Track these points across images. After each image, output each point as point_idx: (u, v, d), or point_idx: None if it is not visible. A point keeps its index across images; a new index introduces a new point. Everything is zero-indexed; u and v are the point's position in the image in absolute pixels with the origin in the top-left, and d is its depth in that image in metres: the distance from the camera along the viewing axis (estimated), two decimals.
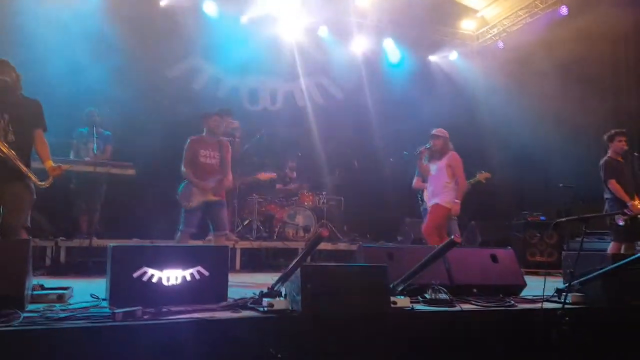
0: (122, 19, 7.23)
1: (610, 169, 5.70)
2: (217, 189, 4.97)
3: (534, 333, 2.88)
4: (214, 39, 8.11)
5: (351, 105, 9.22)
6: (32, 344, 2.18)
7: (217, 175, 5.00)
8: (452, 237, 2.89)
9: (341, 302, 2.75)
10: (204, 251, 3.24)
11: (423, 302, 3.15)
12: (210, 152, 5.09)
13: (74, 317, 2.43)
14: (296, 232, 7.20)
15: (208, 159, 5.07)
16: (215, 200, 4.93)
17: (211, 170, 5.03)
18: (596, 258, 3.59)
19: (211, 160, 5.08)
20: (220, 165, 5.09)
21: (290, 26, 8.79)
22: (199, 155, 5.03)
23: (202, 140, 5.12)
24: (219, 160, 5.10)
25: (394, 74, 9.47)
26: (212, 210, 4.95)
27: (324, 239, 2.86)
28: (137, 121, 6.91)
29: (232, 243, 6.35)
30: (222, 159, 5.11)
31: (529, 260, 7.18)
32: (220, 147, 5.15)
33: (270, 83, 9.19)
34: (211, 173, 5.01)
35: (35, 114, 3.86)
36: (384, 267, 2.99)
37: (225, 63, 8.36)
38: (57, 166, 3.86)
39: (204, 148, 5.07)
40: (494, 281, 3.69)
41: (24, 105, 3.81)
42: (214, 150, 5.11)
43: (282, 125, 8.64)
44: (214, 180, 4.96)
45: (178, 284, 2.97)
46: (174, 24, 7.88)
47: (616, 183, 5.61)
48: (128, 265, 2.87)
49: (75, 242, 5.75)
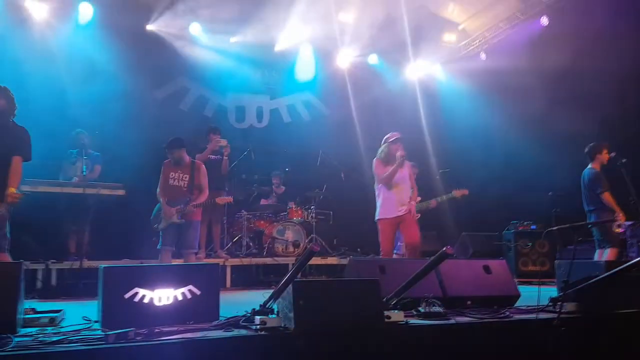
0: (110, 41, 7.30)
1: (603, 181, 5.84)
2: (184, 210, 5.22)
3: (530, 344, 2.87)
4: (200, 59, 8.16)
5: (337, 120, 9.30)
6: None
7: (185, 196, 5.27)
8: (445, 249, 2.89)
9: (334, 317, 2.73)
10: (195, 270, 3.21)
11: (417, 316, 3.12)
12: (180, 175, 5.38)
13: (66, 340, 2.39)
14: (286, 248, 7.17)
15: (176, 181, 5.37)
16: (180, 222, 5.21)
17: (179, 192, 5.32)
18: (589, 266, 3.61)
19: (179, 182, 5.37)
20: (188, 187, 5.34)
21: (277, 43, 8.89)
22: (169, 178, 5.35)
23: (173, 164, 5.40)
24: (188, 181, 5.35)
25: (378, 88, 9.59)
26: (180, 231, 5.26)
27: (315, 254, 2.85)
28: (126, 142, 6.88)
29: (222, 261, 6.30)
30: (192, 180, 5.35)
31: (522, 270, 7.21)
32: (192, 169, 5.40)
33: (256, 101, 9.27)
34: (179, 195, 5.30)
35: (19, 141, 3.85)
36: (376, 281, 2.97)
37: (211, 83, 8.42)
38: (17, 194, 3.82)
39: (174, 171, 5.38)
40: (488, 292, 3.69)
41: (11, 130, 3.81)
42: (184, 172, 5.38)
43: (269, 141, 8.69)
44: (183, 202, 5.23)
45: (170, 303, 2.94)
46: (160, 46, 7.99)
47: (610, 194, 5.77)
48: (119, 286, 2.83)
49: (66, 265, 5.69)
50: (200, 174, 5.43)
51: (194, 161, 5.54)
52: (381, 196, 5.45)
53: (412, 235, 5.34)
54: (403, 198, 5.39)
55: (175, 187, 5.35)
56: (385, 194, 5.42)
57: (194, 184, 5.36)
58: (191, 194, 5.30)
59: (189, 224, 5.27)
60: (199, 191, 5.38)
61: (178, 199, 5.27)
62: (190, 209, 5.23)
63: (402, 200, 5.37)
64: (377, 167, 5.46)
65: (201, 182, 5.42)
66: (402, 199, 5.37)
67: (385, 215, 5.39)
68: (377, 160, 5.48)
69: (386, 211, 5.38)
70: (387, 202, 5.39)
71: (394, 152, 5.34)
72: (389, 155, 5.40)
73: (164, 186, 5.36)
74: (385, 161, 5.43)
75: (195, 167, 5.44)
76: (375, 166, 5.47)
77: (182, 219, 5.22)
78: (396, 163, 5.29)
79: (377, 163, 5.46)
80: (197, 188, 5.38)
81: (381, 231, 5.43)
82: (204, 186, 5.43)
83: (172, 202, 5.27)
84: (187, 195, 5.29)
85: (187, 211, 5.22)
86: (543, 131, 8.14)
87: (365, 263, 3.79)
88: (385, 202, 5.40)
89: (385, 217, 5.38)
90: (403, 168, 5.42)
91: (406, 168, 5.49)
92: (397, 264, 3.81)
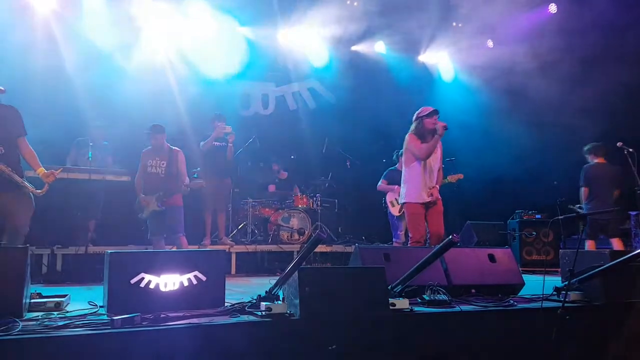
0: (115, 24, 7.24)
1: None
2: (163, 197, 5.23)
3: (534, 332, 2.87)
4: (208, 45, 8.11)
5: (343, 109, 9.25)
6: (31, 353, 2.16)
7: (162, 183, 5.28)
8: (451, 237, 2.89)
9: (340, 304, 2.74)
10: (201, 256, 3.22)
11: (422, 304, 3.14)
12: (157, 162, 5.39)
13: (72, 325, 2.41)
14: (291, 235, 7.18)
15: (154, 168, 5.39)
16: (160, 209, 5.23)
17: (156, 179, 5.35)
18: (594, 256, 3.60)
19: (157, 169, 5.38)
20: (166, 173, 5.34)
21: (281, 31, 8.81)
22: (147, 166, 5.38)
23: (152, 151, 5.43)
24: (165, 168, 5.36)
25: (386, 76, 9.51)
26: (163, 217, 5.28)
27: (321, 241, 2.85)
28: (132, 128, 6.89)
29: (227, 247, 6.33)
30: (169, 167, 5.36)
31: (526, 259, 7.23)
32: (170, 155, 5.39)
33: (262, 88, 9.22)
34: (157, 182, 5.32)
35: (15, 122, 3.85)
36: (381, 269, 2.98)
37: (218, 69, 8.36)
38: (49, 172, 3.86)
39: (152, 158, 5.42)
40: (493, 281, 3.69)
41: (4, 114, 3.80)
42: (161, 159, 5.39)
43: (274, 129, 8.65)
44: (160, 189, 5.25)
45: (176, 289, 2.96)
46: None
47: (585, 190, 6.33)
48: (125, 271, 2.85)
49: (72, 250, 5.71)
50: (178, 161, 5.42)
51: (173, 148, 5.52)
52: (413, 178, 4.94)
53: (438, 225, 4.90)
54: (433, 181, 4.96)
55: (153, 174, 5.38)
56: (417, 176, 4.91)
57: (172, 170, 5.36)
58: (169, 181, 5.29)
59: (170, 210, 5.29)
60: (176, 178, 5.35)
61: (156, 186, 5.28)
62: (168, 196, 5.22)
63: (431, 184, 4.93)
64: (411, 142, 4.93)
65: (179, 169, 5.40)
66: (432, 183, 4.94)
67: (415, 200, 4.88)
68: (411, 135, 4.97)
69: (417, 195, 4.89)
70: (417, 185, 4.90)
71: (429, 125, 4.86)
72: (424, 129, 4.90)
73: (142, 174, 5.41)
74: (420, 136, 4.92)
75: (173, 154, 5.43)
76: (409, 141, 4.95)
77: (162, 206, 5.23)
78: (436, 135, 4.80)
79: (412, 138, 4.94)
80: (175, 174, 5.36)
81: (411, 215, 4.90)
82: (182, 173, 5.43)
83: (150, 190, 5.29)
84: (165, 182, 5.29)
85: (165, 198, 5.22)
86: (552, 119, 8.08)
87: (370, 251, 3.79)
88: (416, 185, 4.90)
89: (416, 201, 4.88)
90: (438, 148, 4.98)
91: (440, 149, 5.04)
92: (402, 252, 3.80)
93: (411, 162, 4.97)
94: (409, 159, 5.00)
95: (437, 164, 5.03)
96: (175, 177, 5.35)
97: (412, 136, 4.96)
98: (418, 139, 4.92)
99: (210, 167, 6.56)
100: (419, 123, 4.97)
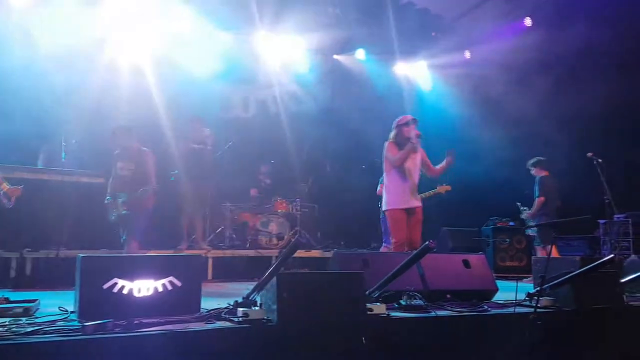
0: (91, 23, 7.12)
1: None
2: (130, 201, 5.07)
3: (508, 337, 2.93)
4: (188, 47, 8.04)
5: (324, 114, 9.29)
6: None
7: (130, 186, 5.11)
8: (427, 242, 2.92)
9: (317, 310, 2.74)
10: (176, 261, 3.16)
11: (399, 309, 3.17)
12: (126, 164, 5.21)
13: (41, 331, 2.34)
14: (269, 240, 7.15)
15: (123, 170, 5.21)
16: (125, 213, 5.08)
17: (125, 181, 5.18)
18: (565, 262, 3.70)
19: (126, 171, 5.21)
20: (133, 176, 5.17)
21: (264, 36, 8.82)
22: (117, 168, 5.22)
23: (123, 152, 5.26)
24: (133, 170, 5.18)
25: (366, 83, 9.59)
26: (129, 220, 5.10)
27: (300, 247, 2.85)
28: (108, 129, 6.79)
29: (204, 252, 6.26)
30: (137, 169, 5.18)
31: (500, 265, 7.35)
32: (139, 157, 5.22)
33: (243, 91, 9.18)
34: (125, 184, 5.15)
35: None
36: (360, 274, 2.99)
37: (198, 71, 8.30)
38: (14, 188, 3.81)
39: (122, 160, 5.25)
40: (467, 286, 3.75)
41: None
42: (130, 161, 5.21)
43: (254, 132, 8.62)
44: (128, 191, 5.08)
45: (150, 295, 2.89)
46: None
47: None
48: (98, 276, 2.77)
49: (42, 254, 5.55)
50: (146, 163, 5.22)
51: (143, 149, 5.33)
52: (393, 184, 5.01)
53: (415, 235, 4.95)
54: (415, 188, 5.01)
55: (121, 176, 5.21)
56: (398, 182, 4.97)
57: (140, 172, 5.16)
58: (136, 183, 5.10)
59: (134, 214, 5.10)
60: (144, 180, 5.14)
61: (123, 189, 5.13)
62: (134, 198, 5.04)
63: (414, 191, 4.98)
64: (389, 150, 5.01)
65: (147, 171, 5.20)
66: (414, 189, 4.99)
67: (397, 206, 4.94)
68: (390, 143, 5.05)
69: (398, 201, 4.94)
70: (398, 191, 4.95)
71: (407, 134, 4.94)
72: (402, 137, 4.97)
73: (114, 176, 5.26)
74: (398, 144, 4.99)
75: (142, 155, 5.24)
76: (388, 149, 5.03)
77: (127, 210, 5.07)
78: (409, 143, 4.88)
79: (390, 146, 5.03)
80: (143, 177, 5.15)
81: (393, 221, 4.95)
82: (150, 175, 5.22)
83: (118, 193, 5.14)
84: (132, 185, 5.11)
85: (132, 201, 5.05)
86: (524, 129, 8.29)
87: (349, 256, 3.81)
88: (398, 191, 4.96)
89: (398, 207, 4.93)
90: (416, 155, 5.02)
91: (419, 156, 5.08)
92: (380, 258, 3.83)
93: (391, 169, 5.04)
94: (388, 166, 5.07)
95: (418, 171, 5.08)
96: (143, 180, 5.14)
97: (391, 144, 5.05)
98: (396, 146, 5.00)
99: (189, 170, 6.48)
100: (397, 131, 5.05)
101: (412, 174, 5.00)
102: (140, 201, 5.09)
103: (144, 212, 5.17)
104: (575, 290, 3.38)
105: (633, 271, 4.11)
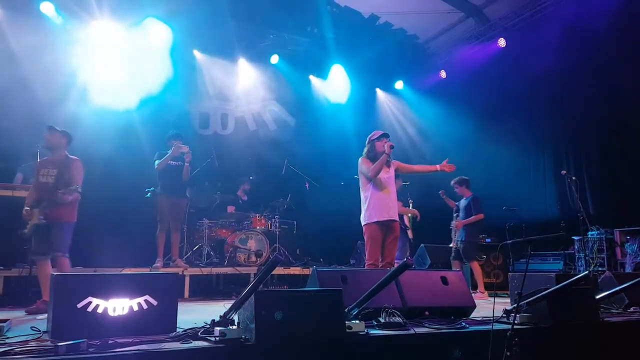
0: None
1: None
2: (46, 208, 4.58)
3: (485, 353, 2.94)
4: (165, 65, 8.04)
5: (303, 131, 9.36)
6: None
7: (48, 194, 4.63)
8: (406, 259, 2.94)
9: (296, 328, 2.71)
10: (152, 279, 3.11)
11: (377, 326, 3.15)
12: (49, 170, 4.80)
13: (12, 352, 2.27)
14: (248, 257, 7.08)
15: (45, 177, 4.80)
16: (42, 222, 4.55)
17: (45, 189, 4.70)
18: (541, 279, 3.76)
19: (47, 178, 4.78)
20: (55, 183, 4.70)
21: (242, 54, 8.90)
22: (39, 175, 4.81)
23: (47, 159, 4.91)
24: (55, 176, 4.74)
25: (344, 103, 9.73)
26: (45, 233, 4.61)
27: (279, 264, 2.83)
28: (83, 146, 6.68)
29: (180, 270, 6.16)
30: (60, 175, 4.73)
31: None
32: (62, 164, 4.79)
33: (222, 108, 9.21)
34: (45, 192, 4.66)
35: None
36: (339, 291, 2.98)
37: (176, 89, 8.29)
38: None
39: (45, 167, 4.83)
40: (445, 303, 3.77)
41: None
42: (53, 167, 4.80)
43: (233, 149, 8.62)
44: (46, 199, 4.60)
45: (125, 314, 2.84)
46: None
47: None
48: (72, 295, 2.72)
49: (14, 272, 5.39)
50: (70, 170, 4.76)
51: (70, 157, 4.91)
52: (370, 199, 4.99)
53: (391, 253, 4.97)
54: (392, 202, 5.03)
55: (42, 183, 4.76)
56: (375, 196, 4.97)
57: (63, 179, 4.70)
58: (57, 191, 4.60)
59: (53, 225, 4.59)
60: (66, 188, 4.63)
61: (43, 197, 4.64)
62: (51, 206, 4.58)
63: (391, 204, 5.00)
64: (363, 163, 5.07)
65: (71, 178, 4.72)
66: (391, 203, 5.01)
67: (375, 219, 4.90)
68: (363, 158, 5.11)
69: (376, 214, 4.91)
70: (376, 205, 4.94)
71: (379, 148, 5.01)
72: (375, 152, 5.05)
73: (34, 185, 4.82)
74: (371, 158, 5.05)
75: (66, 162, 4.81)
76: (361, 163, 5.10)
77: (44, 219, 4.54)
78: (385, 153, 4.94)
79: (363, 161, 5.09)
80: (67, 184, 4.66)
81: (370, 237, 4.92)
82: (75, 181, 4.74)
83: (36, 202, 4.66)
84: (52, 193, 4.61)
85: (50, 209, 4.57)
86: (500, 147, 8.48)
87: (328, 273, 3.79)
88: (375, 204, 4.95)
89: (376, 220, 4.90)
90: (390, 169, 5.09)
91: (392, 170, 5.15)
92: (359, 275, 3.83)
93: (366, 184, 5.09)
94: (363, 182, 5.13)
95: (393, 185, 5.15)
96: (67, 186, 4.65)
97: (364, 159, 5.13)
98: (369, 161, 5.08)
99: (166, 187, 6.42)
100: (370, 146, 5.15)
101: (388, 186, 5.05)
102: (60, 211, 4.64)
103: (66, 225, 4.70)
104: (550, 307, 3.43)
105: (608, 287, 4.21)
